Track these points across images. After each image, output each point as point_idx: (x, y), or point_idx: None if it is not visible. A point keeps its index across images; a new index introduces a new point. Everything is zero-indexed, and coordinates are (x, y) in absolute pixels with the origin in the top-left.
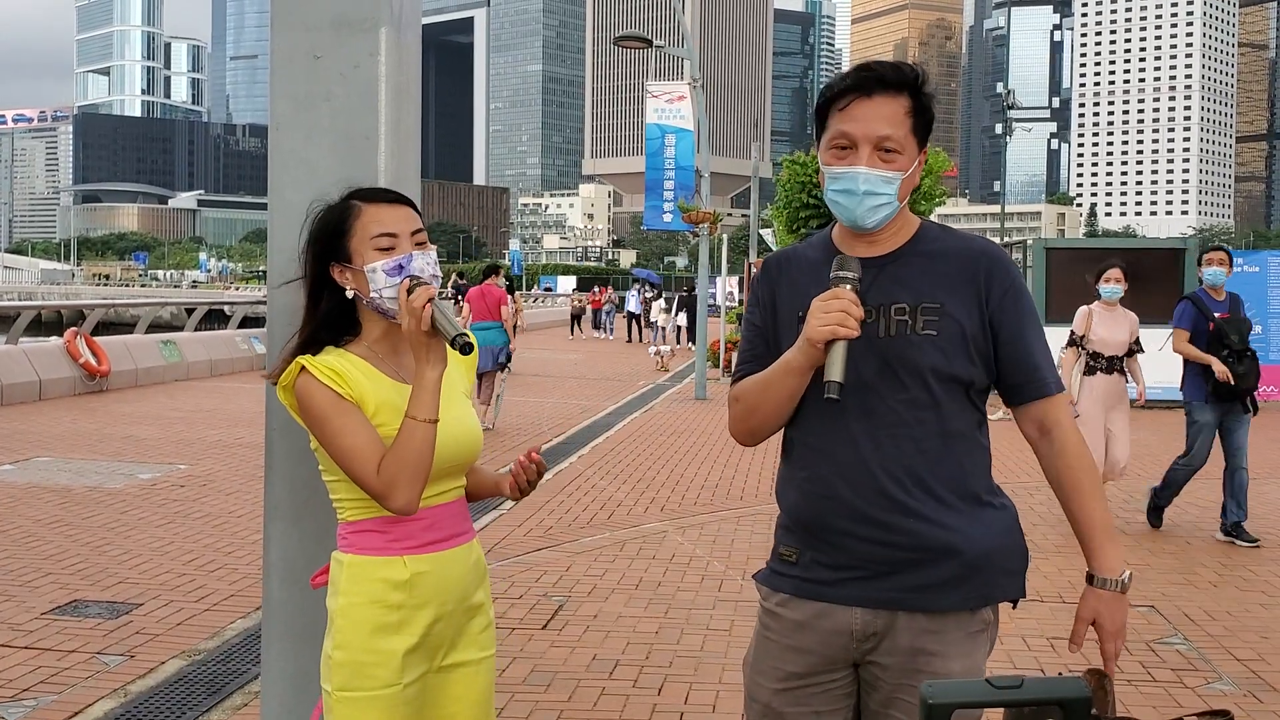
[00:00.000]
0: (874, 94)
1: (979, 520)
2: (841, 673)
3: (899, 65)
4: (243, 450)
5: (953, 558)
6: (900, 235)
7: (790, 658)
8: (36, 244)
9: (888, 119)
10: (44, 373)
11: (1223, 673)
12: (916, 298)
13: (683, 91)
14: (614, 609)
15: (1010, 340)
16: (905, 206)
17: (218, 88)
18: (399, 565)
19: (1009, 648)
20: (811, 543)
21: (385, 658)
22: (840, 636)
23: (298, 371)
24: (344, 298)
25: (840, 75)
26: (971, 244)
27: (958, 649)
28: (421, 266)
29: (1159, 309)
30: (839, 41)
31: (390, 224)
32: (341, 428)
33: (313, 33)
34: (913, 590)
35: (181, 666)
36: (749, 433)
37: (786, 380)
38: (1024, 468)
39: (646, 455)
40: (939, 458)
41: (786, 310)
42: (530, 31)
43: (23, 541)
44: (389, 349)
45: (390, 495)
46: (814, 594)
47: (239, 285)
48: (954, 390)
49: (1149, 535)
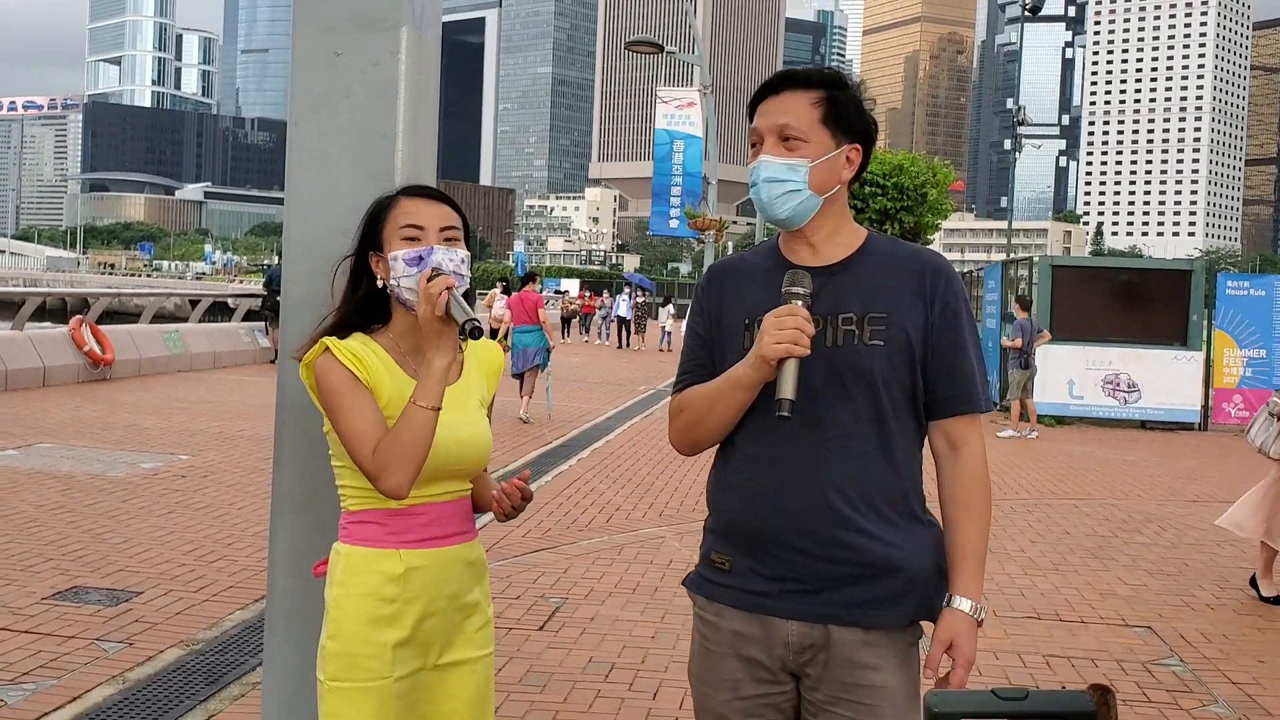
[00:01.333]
0: (781, 90)
1: (915, 536)
2: (786, 684)
3: (814, 68)
4: (245, 443)
5: (894, 574)
6: (847, 244)
7: (736, 667)
8: (43, 231)
9: (790, 109)
10: (48, 359)
11: (1218, 695)
12: (864, 307)
13: (693, 98)
14: (611, 612)
15: (948, 352)
16: (843, 212)
17: (228, 81)
18: (394, 558)
19: (1004, 664)
20: (747, 551)
21: (377, 649)
22: (778, 647)
23: (321, 351)
24: (377, 286)
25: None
26: (919, 255)
27: (894, 662)
28: (442, 260)
29: (1165, 330)
30: (850, 52)
31: (419, 217)
32: (350, 406)
33: (333, 30)
34: (852, 605)
35: (180, 655)
36: (691, 444)
37: (735, 394)
38: (1023, 483)
39: (645, 460)
40: (884, 472)
41: (732, 319)
42: (541, 33)
43: (24, 527)
44: (412, 345)
45: (381, 476)
46: (750, 604)
47: (243, 278)
48: (900, 401)
49: (1147, 556)
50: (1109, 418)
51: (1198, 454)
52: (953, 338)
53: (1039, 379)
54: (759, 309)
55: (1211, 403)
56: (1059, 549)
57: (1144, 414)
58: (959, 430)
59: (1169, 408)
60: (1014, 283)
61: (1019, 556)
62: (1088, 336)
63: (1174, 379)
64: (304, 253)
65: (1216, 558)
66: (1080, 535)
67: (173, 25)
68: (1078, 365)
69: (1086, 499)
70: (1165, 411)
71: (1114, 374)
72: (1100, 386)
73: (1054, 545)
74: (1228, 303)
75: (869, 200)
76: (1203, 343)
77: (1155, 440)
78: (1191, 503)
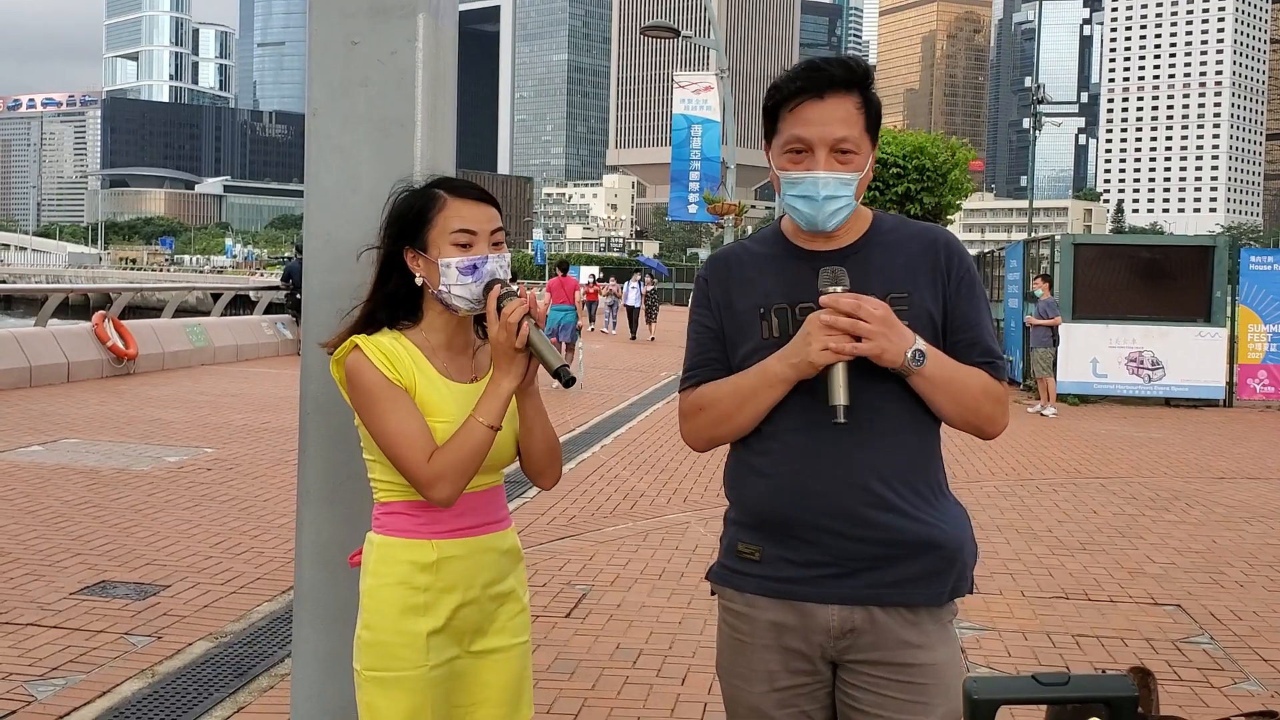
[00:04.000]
0: (826, 95)
1: (948, 513)
2: (823, 673)
3: (846, 62)
4: (269, 435)
5: (932, 551)
6: (857, 227)
7: (773, 659)
8: (64, 228)
9: (842, 120)
10: (72, 355)
11: (1250, 673)
12: (885, 287)
13: (709, 82)
14: (637, 599)
15: (965, 325)
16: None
17: (245, 74)
18: (427, 548)
19: (1034, 645)
20: (779, 540)
21: (411, 639)
22: (818, 634)
23: (351, 348)
24: (410, 282)
25: (788, 75)
26: (928, 231)
27: (937, 638)
28: (495, 269)
29: (1188, 307)
30: (866, 34)
31: (472, 221)
32: (391, 410)
33: (351, 19)
34: (892, 585)
35: (208, 648)
36: (711, 441)
37: (770, 392)
38: (1050, 463)
39: (669, 446)
40: (914, 450)
41: (744, 308)
42: (556, 21)
43: (51, 522)
44: (443, 342)
45: (435, 486)
46: (784, 593)
47: (264, 271)
48: None
49: (1175, 534)
50: (1133, 395)
51: (1223, 430)
52: (969, 311)
53: (1062, 357)
54: (773, 296)
55: (1236, 379)
56: (1086, 528)
57: (1168, 391)
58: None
59: (1193, 384)
60: (1035, 262)
61: (1046, 536)
62: (1111, 314)
63: (1198, 355)
64: (324, 244)
65: (1245, 535)
66: (1107, 514)
67: (189, 20)
68: (1101, 343)
69: (1113, 477)
70: (1190, 388)
71: (1137, 351)
72: (1124, 364)
73: (1081, 524)
74: (1251, 278)
75: (891, 183)
76: (1226, 319)
77: (1180, 417)
78: (1218, 479)
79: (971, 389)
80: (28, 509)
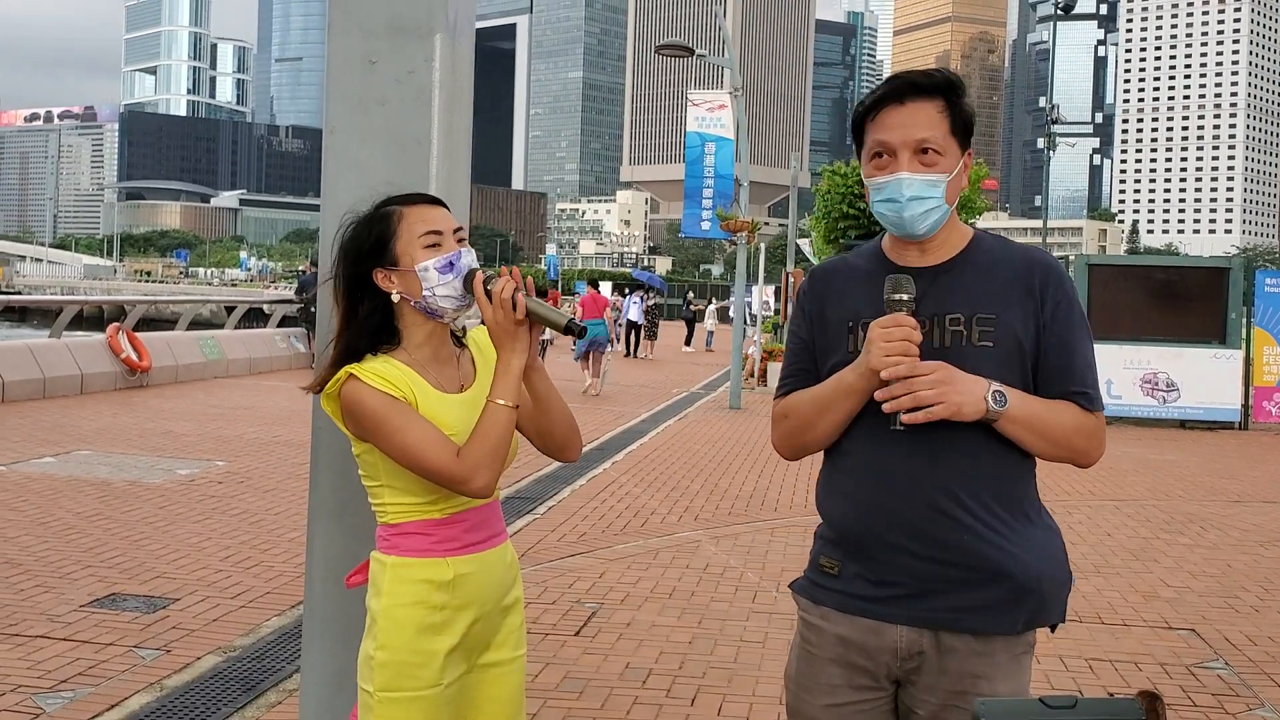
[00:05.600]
0: (906, 100)
1: (1030, 541)
2: (886, 690)
3: (930, 71)
4: (281, 448)
5: (1005, 580)
6: (953, 244)
7: (837, 673)
8: (80, 239)
9: (923, 122)
10: (86, 367)
11: (1265, 699)
12: (972, 308)
13: (724, 100)
14: (647, 618)
15: (1058, 350)
16: (955, 213)
17: (262, 89)
18: (443, 566)
19: (1046, 668)
20: (857, 556)
21: (428, 658)
22: (885, 654)
23: (345, 378)
24: (382, 307)
25: (873, 89)
26: (1027, 253)
27: (1005, 671)
28: (469, 262)
29: (1203, 329)
30: (880, 53)
31: (435, 222)
32: (405, 424)
33: (369, 38)
34: (962, 611)
35: (217, 663)
36: (797, 449)
37: (845, 402)
38: (1064, 485)
39: (681, 463)
40: (993, 474)
41: (835, 321)
42: (572, 39)
43: (62, 534)
44: (430, 356)
45: (473, 478)
46: (858, 609)
47: (279, 284)
48: None
49: (1189, 558)
50: (1148, 417)
51: (1238, 453)
52: (1064, 337)
53: None
54: (863, 311)
55: (1252, 401)
56: (1100, 551)
57: (1183, 413)
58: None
59: (1208, 407)
60: None
61: None
62: (1125, 336)
63: (1213, 378)
64: None
65: (1261, 559)
66: (1122, 537)
67: (207, 35)
68: (1115, 365)
69: (1127, 500)
70: (1205, 410)
71: (1152, 373)
72: (1139, 386)
73: (1095, 547)
74: (1266, 300)
75: None
76: (1242, 341)
77: (1195, 440)
78: (1234, 503)
79: (1062, 425)
80: (39, 520)
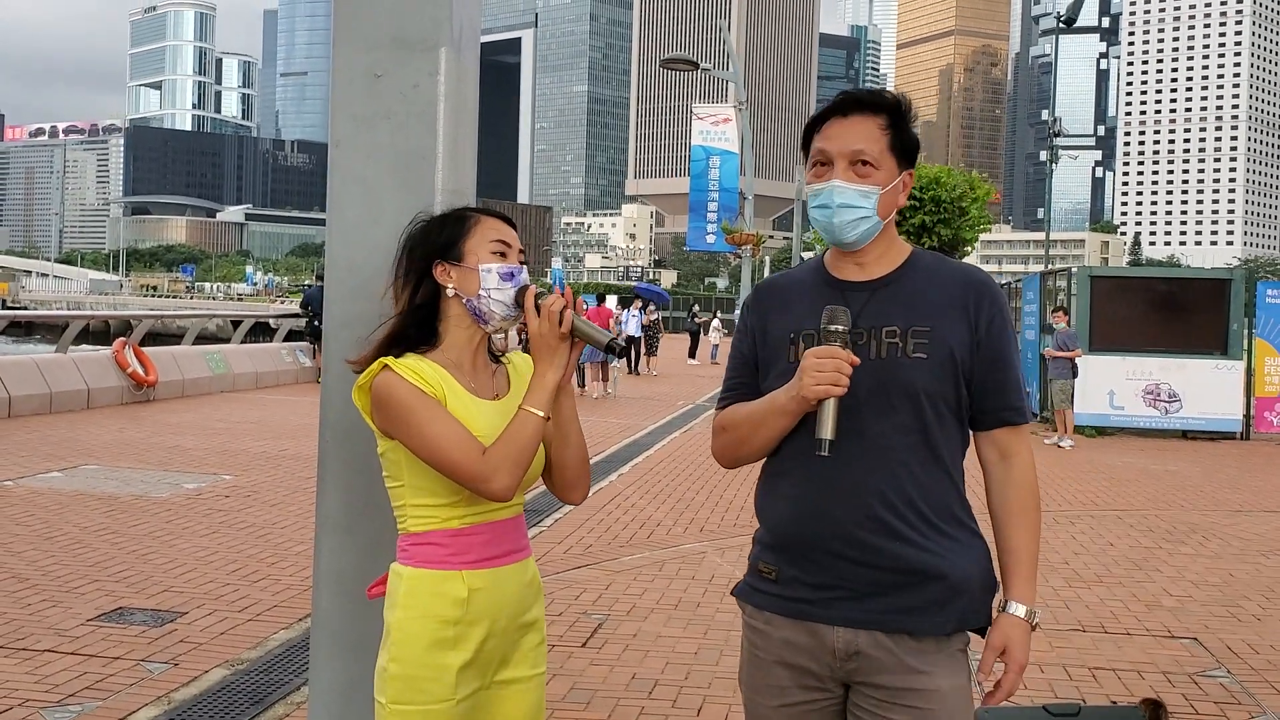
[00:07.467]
0: (850, 114)
1: (961, 545)
2: (834, 693)
3: (880, 91)
4: (287, 462)
5: (937, 581)
6: (891, 259)
7: (784, 674)
8: (86, 254)
9: (862, 135)
10: (92, 382)
11: (1267, 707)
12: (907, 321)
13: (728, 114)
14: (653, 628)
15: (993, 365)
16: (893, 230)
17: (267, 104)
18: (458, 580)
19: (1050, 677)
20: (795, 560)
21: (440, 672)
22: (825, 654)
23: (380, 369)
24: (432, 303)
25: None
26: (965, 271)
27: (944, 668)
28: (525, 279)
29: (1205, 340)
30: (884, 66)
31: (506, 235)
32: (431, 418)
33: (374, 52)
34: (898, 612)
35: (225, 676)
36: (734, 459)
37: (777, 421)
38: (1067, 495)
39: (686, 475)
40: (927, 481)
41: (776, 334)
42: (577, 53)
43: (69, 548)
44: (467, 360)
45: (492, 479)
46: (797, 612)
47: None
48: (944, 412)
49: (1191, 567)
50: (1150, 428)
51: (1240, 463)
52: (998, 353)
53: (1079, 390)
54: (803, 323)
55: (1253, 412)
56: (1103, 560)
57: (1185, 424)
58: (1009, 440)
59: (1210, 417)
60: (1052, 294)
61: (1063, 569)
62: (1127, 347)
63: (1215, 388)
64: (346, 274)
65: (1262, 568)
66: (1124, 547)
67: (212, 50)
68: (1118, 376)
69: (1129, 510)
70: (1206, 421)
71: (1154, 384)
72: (1141, 397)
73: (1098, 557)
74: (1268, 311)
75: (906, 214)
76: (1243, 351)
77: (1197, 450)
78: (1235, 513)
79: (1036, 529)
80: (46, 535)
